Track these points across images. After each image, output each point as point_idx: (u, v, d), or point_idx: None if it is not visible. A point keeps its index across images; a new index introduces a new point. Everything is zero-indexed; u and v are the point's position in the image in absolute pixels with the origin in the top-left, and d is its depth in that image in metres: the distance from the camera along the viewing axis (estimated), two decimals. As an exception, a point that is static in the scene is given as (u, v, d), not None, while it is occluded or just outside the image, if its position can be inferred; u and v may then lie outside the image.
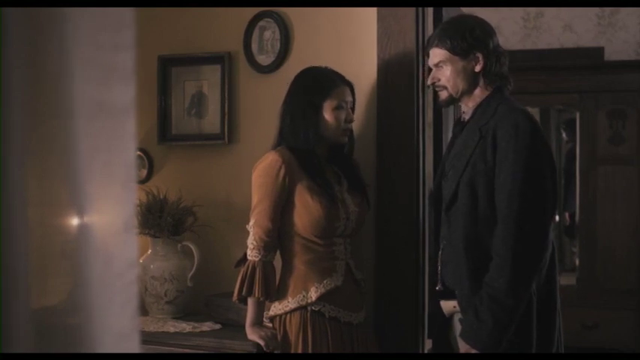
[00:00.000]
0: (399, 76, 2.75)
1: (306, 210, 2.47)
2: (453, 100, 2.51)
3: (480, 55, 2.43)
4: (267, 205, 2.47)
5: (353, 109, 2.62)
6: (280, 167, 2.47)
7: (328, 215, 2.47)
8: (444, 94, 2.49)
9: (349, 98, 2.59)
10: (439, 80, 2.48)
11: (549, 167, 2.36)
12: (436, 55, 2.47)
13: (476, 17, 2.54)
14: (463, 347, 2.36)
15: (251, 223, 2.50)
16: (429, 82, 2.53)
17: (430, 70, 2.54)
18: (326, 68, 2.60)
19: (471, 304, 2.32)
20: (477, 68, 2.43)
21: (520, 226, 2.27)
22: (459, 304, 2.39)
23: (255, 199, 2.51)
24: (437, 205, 2.56)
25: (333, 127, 2.53)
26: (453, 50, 2.43)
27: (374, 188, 2.78)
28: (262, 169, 2.50)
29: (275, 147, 2.55)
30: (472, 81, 2.45)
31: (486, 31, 2.47)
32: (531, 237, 2.30)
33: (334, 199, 2.49)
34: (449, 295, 2.49)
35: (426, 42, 2.60)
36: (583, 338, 5.22)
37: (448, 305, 2.47)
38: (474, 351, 2.32)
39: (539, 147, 2.33)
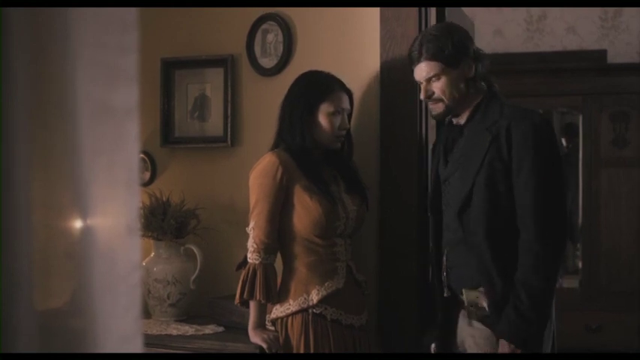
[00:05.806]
0: (402, 79, 2.75)
1: (305, 210, 2.47)
2: (450, 112, 2.47)
3: (470, 62, 2.43)
4: (266, 207, 2.47)
5: (350, 117, 2.61)
6: (277, 168, 2.47)
7: (328, 214, 2.47)
8: (439, 107, 2.46)
9: (346, 106, 2.58)
10: (433, 93, 2.44)
11: (562, 168, 2.41)
12: (427, 69, 2.42)
13: (451, 23, 2.54)
14: (506, 348, 2.31)
15: (250, 225, 2.50)
16: (422, 96, 2.48)
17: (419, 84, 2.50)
18: (327, 73, 2.59)
19: (506, 302, 2.31)
20: (470, 74, 2.43)
21: (549, 223, 2.31)
22: (491, 302, 2.35)
23: (253, 201, 2.51)
24: (436, 212, 2.55)
25: (327, 131, 2.53)
26: (447, 62, 2.40)
27: (377, 189, 2.77)
28: (259, 170, 2.50)
29: (273, 148, 2.56)
30: (465, 87, 2.44)
31: (466, 35, 2.47)
32: (558, 233, 2.34)
33: (333, 199, 2.49)
34: (455, 301, 2.48)
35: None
36: (587, 341, 5.21)
37: (471, 295, 2.40)
38: (518, 351, 2.31)
39: (556, 148, 2.39)
